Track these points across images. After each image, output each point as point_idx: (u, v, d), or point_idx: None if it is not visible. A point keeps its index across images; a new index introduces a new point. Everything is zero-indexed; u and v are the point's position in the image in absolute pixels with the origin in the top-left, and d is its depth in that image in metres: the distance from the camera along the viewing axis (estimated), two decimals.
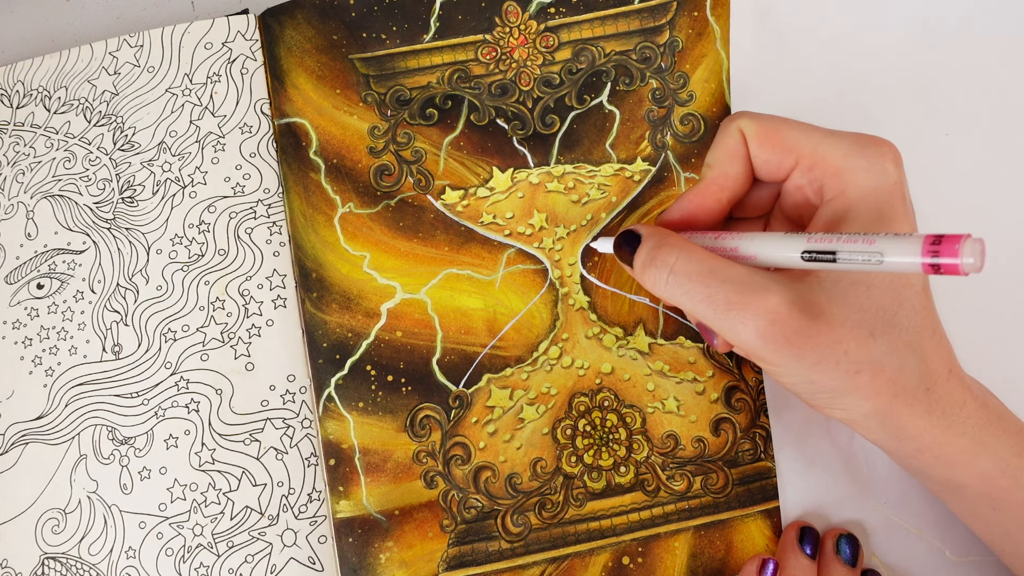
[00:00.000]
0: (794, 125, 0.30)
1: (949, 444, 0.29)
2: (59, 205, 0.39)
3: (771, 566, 0.33)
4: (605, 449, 0.36)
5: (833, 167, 0.29)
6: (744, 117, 0.30)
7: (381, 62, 0.39)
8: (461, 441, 0.36)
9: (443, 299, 0.37)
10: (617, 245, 0.32)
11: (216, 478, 0.36)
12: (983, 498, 0.30)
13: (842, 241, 0.25)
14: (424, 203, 0.38)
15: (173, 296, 0.38)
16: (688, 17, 0.39)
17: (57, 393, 0.38)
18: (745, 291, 0.27)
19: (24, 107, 0.41)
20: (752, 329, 0.27)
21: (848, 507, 0.36)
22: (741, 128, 0.30)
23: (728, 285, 0.27)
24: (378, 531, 0.35)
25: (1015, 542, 0.30)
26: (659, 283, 0.29)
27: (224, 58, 0.40)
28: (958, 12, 0.39)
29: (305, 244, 0.38)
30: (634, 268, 0.31)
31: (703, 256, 0.29)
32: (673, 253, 0.29)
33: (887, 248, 0.24)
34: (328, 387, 0.36)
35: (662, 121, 0.38)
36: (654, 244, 0.30)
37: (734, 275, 0.28)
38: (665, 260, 0.29)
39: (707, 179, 0.32)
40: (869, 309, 0.27)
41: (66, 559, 0.36)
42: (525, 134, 0.38)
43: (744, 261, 0.29)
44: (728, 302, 0.27)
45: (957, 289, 0.35)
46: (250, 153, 0.39)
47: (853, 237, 0.25)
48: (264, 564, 0.36)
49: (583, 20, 0.39)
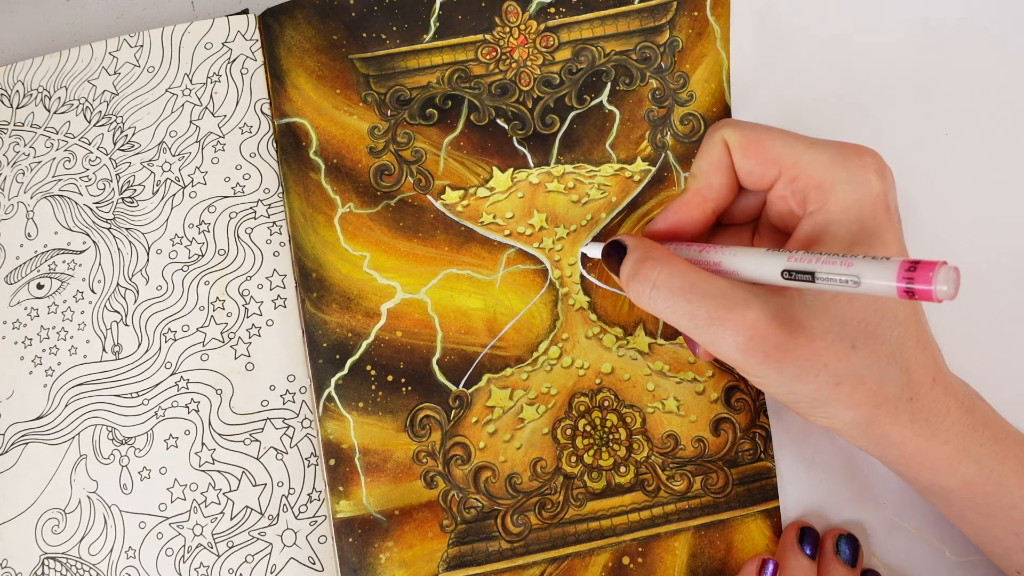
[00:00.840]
0: (777, 135, 0.30)
1: (932, 451, 0.29)
2: (59, 205, 0.39)
3: (771, 566, 0.33)
4: (605, 449, 0.36)
5: (815, 179, 0.28)
6: (727, 127, 0.30)
7: (381, 62, 0.39)
8: (461, 441, 0.36)
9: (443, 299, 0.37)
10: (605, 254, 0.32)
11: (216, 478, 0.36)
12: (968, 503, 0.30)
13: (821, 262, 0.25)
14: (424, 203, 0.38)
15: (173, 296, 0.38)
16: (688, 17, 0.39)
17: (57, 393, 0.38)
18: (725, 306, 0.27)
19: (24, 107, 0.41)
20: (732, 344, 0.27)
21: (848, 507, 0.36)
22: (724, 138, 0.30)
23: (709, 300, 0.27)
24: (378, 531, 0.35)
25: (1003, 545, 0.30)
26: (643, 297, 0.29)
27: (224, 58, 0.40)
28: (958, 12, 0.39)
29: (305, 244, 0.38)
30: (620, 279, 0.31)
31: (685, 270, 0.29)
32: (656, 267, 0.29)
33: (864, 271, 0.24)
34: (328, 387, 0.36)
35: (662, 121, 0.38)
36: (638, 257, 0.30)
37: (715, 290, 0.28)
38: (648, 275, 0.29)
39: (692, 190, 0.32)
40: (850, 321, 0.27)
41: (66, 559, 0.36)
42: (525, 134, 0.38)
43: (727, 275, 0.29)
44: (709, 317, 0.27)
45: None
46: (250, 153, 0.39)
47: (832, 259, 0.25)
48: (264, 564, 0.36)
49: (583, 20, 0.39)
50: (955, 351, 0.32)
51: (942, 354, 0.30)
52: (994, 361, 0.35)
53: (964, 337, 0.35)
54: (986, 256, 0.36)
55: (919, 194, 0.37)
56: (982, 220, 0.37)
